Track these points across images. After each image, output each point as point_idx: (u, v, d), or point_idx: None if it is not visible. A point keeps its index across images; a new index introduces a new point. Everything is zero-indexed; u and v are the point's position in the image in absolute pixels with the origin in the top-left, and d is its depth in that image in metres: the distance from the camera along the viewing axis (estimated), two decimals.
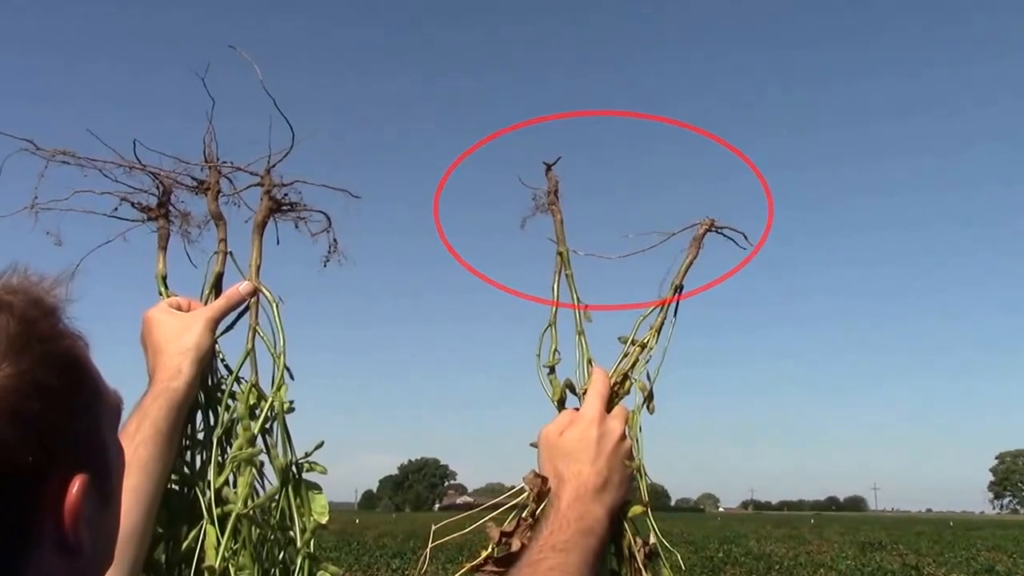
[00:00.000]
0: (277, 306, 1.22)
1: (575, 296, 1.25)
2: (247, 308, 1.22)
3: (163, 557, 1.11)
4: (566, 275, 1.27)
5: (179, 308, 1.17)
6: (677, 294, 1.26)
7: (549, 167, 1.32)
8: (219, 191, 1.28)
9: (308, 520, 1.14)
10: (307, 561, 1.11)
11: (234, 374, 1.19)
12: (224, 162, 1.29)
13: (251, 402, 1.17)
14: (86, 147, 1.24)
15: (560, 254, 1.25)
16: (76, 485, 0.55)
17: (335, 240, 1.34)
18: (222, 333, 1.20)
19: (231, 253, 1.26)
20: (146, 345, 1.12)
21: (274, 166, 1.31)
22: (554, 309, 1.23)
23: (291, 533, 1.12)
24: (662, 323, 1.25)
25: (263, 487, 1.14)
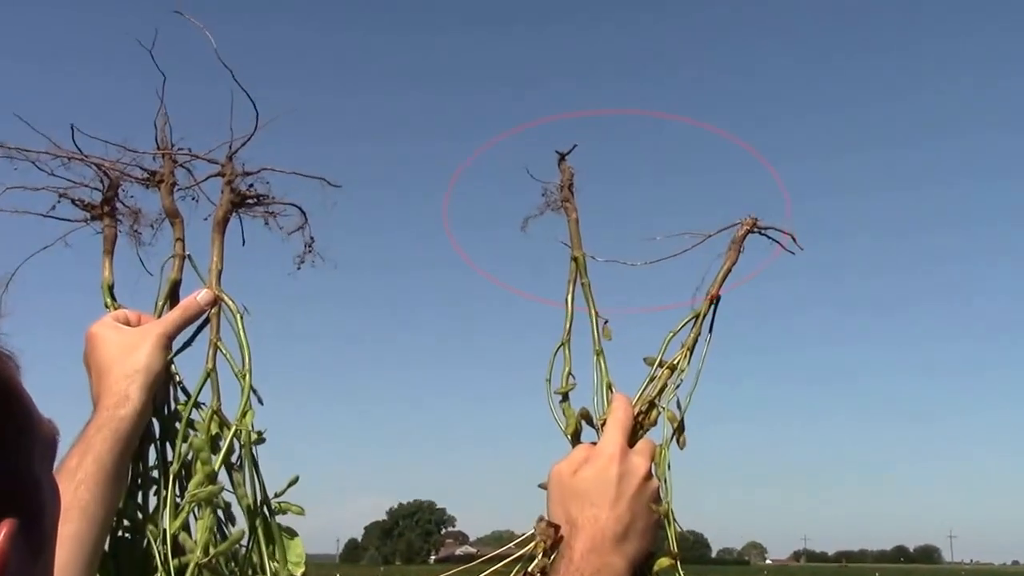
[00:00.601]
0: (242, 318, 1.23)
1: (592, 309, 1.27)
2: (207, 321, 1.24)
3: None
4: (581, 284, 1.28)
5: (127, 322, 1.18)
6: (713, 306, 1.26)
7: (562, 157, 1.33)
8: (174, 183, 1.29)
9: (281, 570, 1.15)
10: None
11: (192, 399, 1.20)
12: (180, 149, 1.30)
13: (213, 432, 1.18)
14: (15, 135, 1.25)
15: (575, 260, 1.27)
16: (1, 532, 0.54)
17: (311, 238, 1.35)
18: (178, 351, 1.21)
19: (189, 256, 1.27)
20: (89, 366, 1.13)
21: (236, 152, 1.32)
22: (567, 325, 1.25)
23: None
24: (695, 340, 1.25)
25: (228, 532, 1.16)
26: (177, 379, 1.22)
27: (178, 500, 1.13)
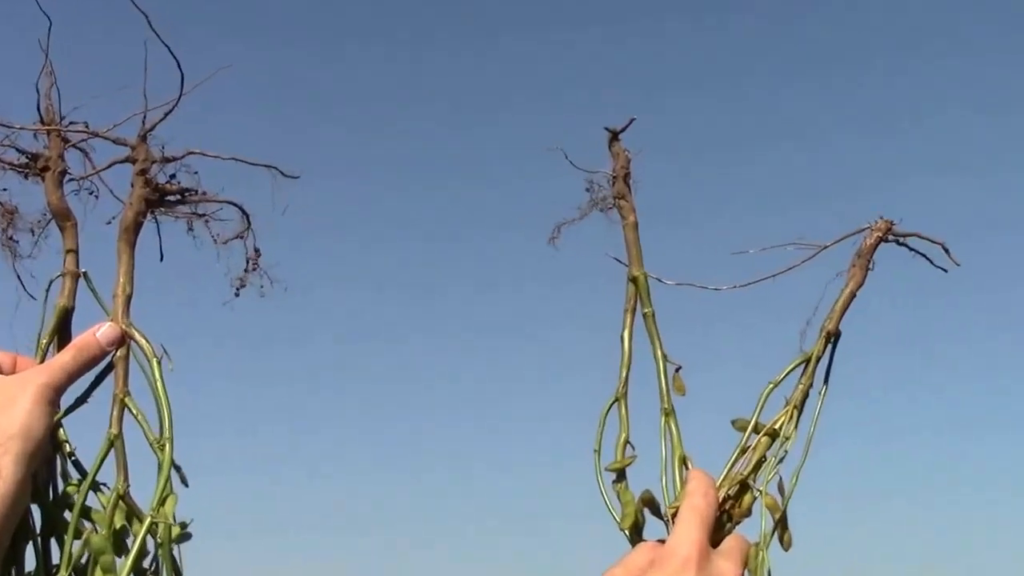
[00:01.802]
0: (160, 363, 1.23)
1: (659, 351, 1.28)
2: (111, 368, 1.24)
3: None
4: (643, 316, 1.29)
5: None
6: (831, 346, 1.27)
7: (615, 135, 1.33)
8: (64, 172, 1.30)
9: None
10: None
11: (89, 478, 1.20)
12: (72, 124, 1.31)
13: (118, 525, 1.19)
14: None
15: (634, 281, 1.29)
16: None
17: (256, 251, 1.36)
18: (69, 410, 1.22)
19: (85, 275, 1.27)
20: None
21: (153, 129, 1.32)
22: (623, 373, 1.27)
23: None
24: (805, 395, 1.26)
25: None
26: (67, 449, 1.23)
27: None
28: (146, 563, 1.21)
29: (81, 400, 1.25)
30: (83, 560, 1.20)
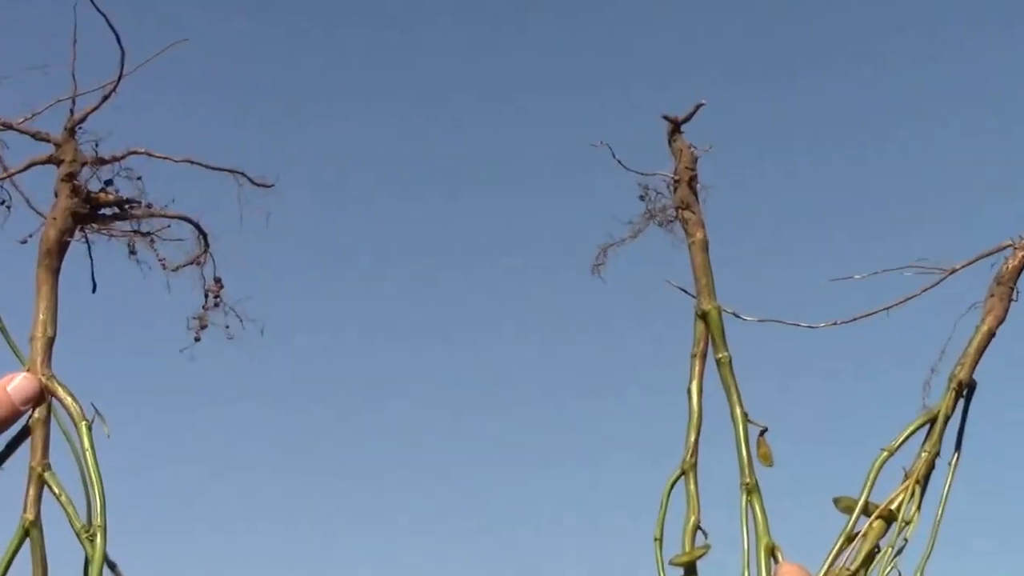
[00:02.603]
0: (89, 427, 1.12)
1: (738, 409, 1.16)
2: (25, 432, 1.14)
3: None
4: (717, 362, 1.18)
5: None
6: (963, 400, 1.15)
7: (676, 127, 1.20)
8: None
9: None
10: None
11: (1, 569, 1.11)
12: None
13: None
14: None
15: (704, 317, 1.18)
16: None
17: (216, 280, 1.22)
18: None
19: None
20: None
21: (84, 120, 1.19)
22: (691, 438, 1.17)
23: None
24: (931, 464, 1.14)
25: None
26: None
27: None
28: None
29: None
30: None
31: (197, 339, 1.21)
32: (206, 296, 1.21)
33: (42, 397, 1.12)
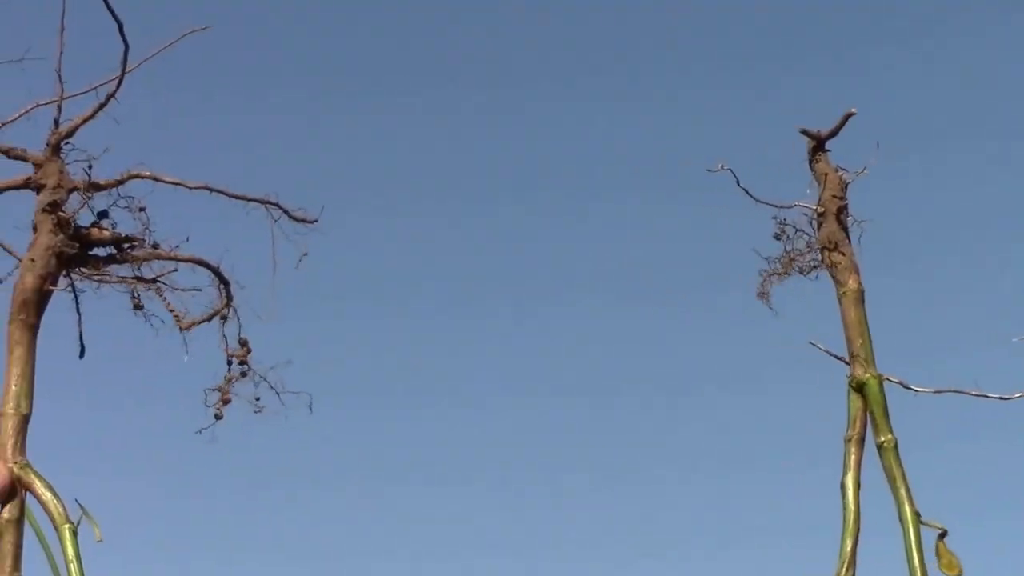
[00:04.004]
0: (74, 531, 0.96)
1: (908, 504, 1.03)
2: None
3: None
4: (878, 447, 1.06)
5: None
6: None
7: (820, 143, 1.09)
8: None
9: None
10: None
11: None
12: None
13: None
14: None
15: (861, 389, 1.05)
16: None
17: (243, 343, 1.09)
18: None
19: None
20: None
21: (71, 135, 1.05)
22: (847, 544, 1.03)
23: None
24: None
25: None
26: None
27: None
28: None
29: None
30: None
31: (218, 417, 1.06)
32: (229, 363, 1.06)
33: (13, 492, 0.98)
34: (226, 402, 1.09)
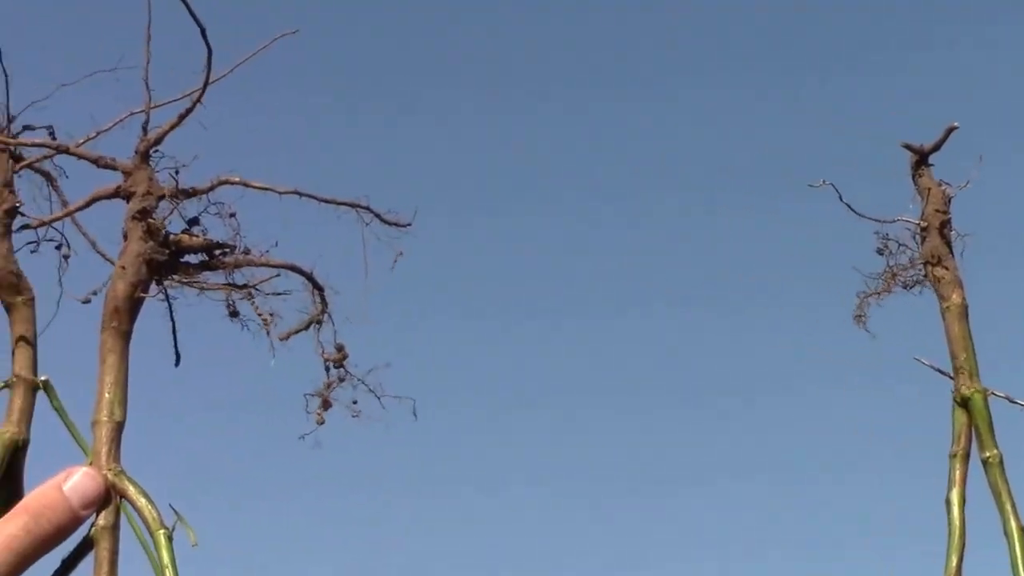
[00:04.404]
0: (169, 536, 0.99)
1: (1014, 520, 1.03)
2: (88, 544, 1.03)
3: None
4: (984, 463, 1.04)
5: None
6: None
7: (923, 157, 1.05)
8: (13, 211, 1.06)
9: None
10: None
11: None
12: (25, 129, 1.13)
13: None
14: None
15: (965, 404, 1.03)
16: None
17: (339, 348, 1.07)
18: None
19: (46, 384, 1.09)
20: None
21: (160, 142, 1.04)
22: (952, 560, 1.04)
23: None
24: None
25: None
26: None
27: None
28: None
29: None
30: None
31: (320, 422, 1.09)
32: (327, 368, 1.08)
33: (108, 498, 1.03)
34: (327, 407, 1.08)
